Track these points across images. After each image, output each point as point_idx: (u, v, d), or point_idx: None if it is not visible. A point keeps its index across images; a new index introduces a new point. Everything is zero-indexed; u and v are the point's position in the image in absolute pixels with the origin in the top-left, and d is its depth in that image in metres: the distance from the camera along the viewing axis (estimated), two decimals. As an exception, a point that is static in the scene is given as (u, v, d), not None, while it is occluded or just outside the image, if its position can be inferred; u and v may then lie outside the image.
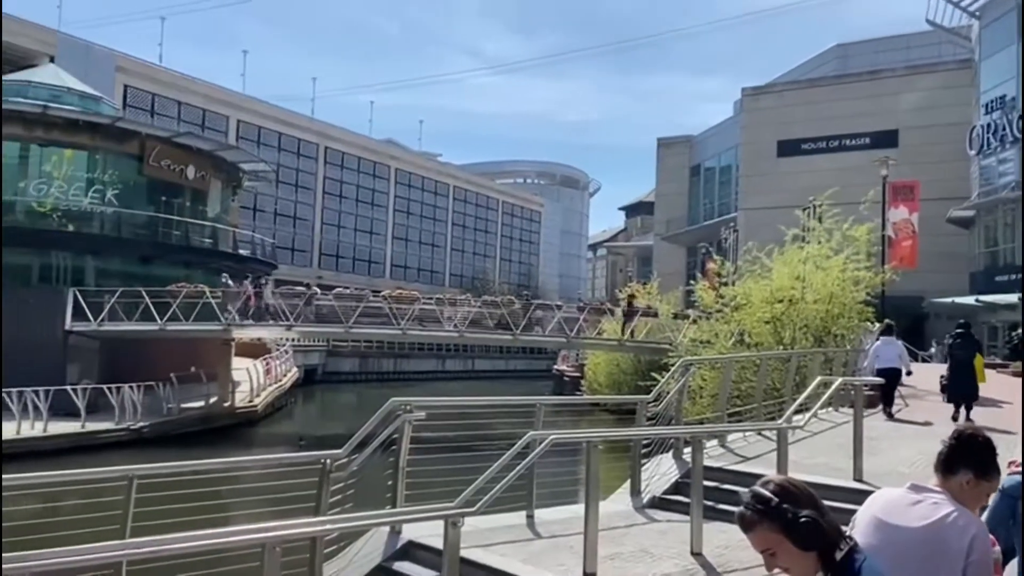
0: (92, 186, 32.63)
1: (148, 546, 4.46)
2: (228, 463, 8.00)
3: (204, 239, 36.81)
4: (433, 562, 6.33)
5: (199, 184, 36.48)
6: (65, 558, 4.08)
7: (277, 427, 31.03)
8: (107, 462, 19.30)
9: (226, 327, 26.89)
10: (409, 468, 7.45)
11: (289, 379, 38.60)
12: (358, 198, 77.75)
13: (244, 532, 4.78)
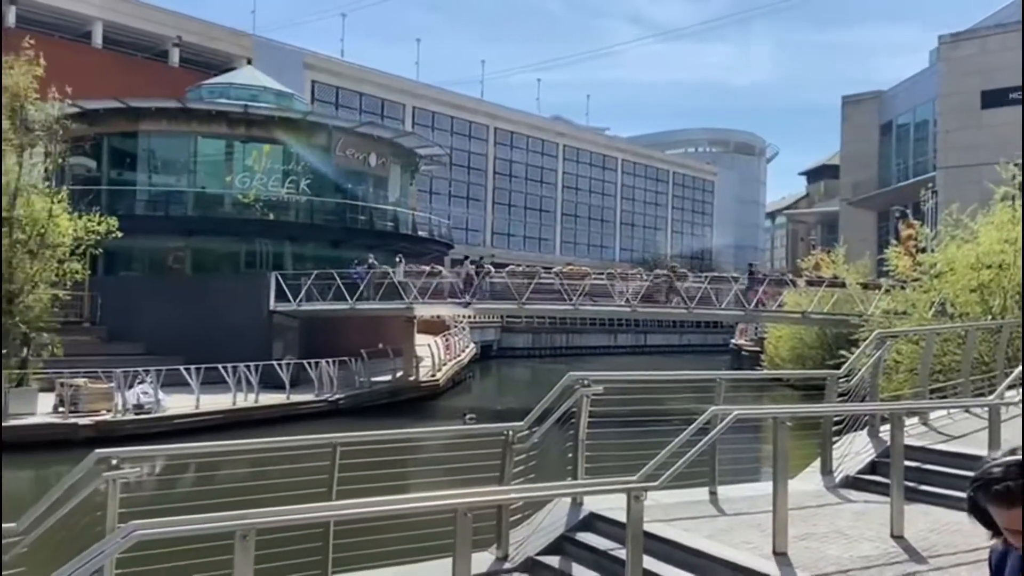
0: (288, 177, 35.32)
1: (352, 508, 4.82)
2: (418, 433, 8.44)
3: (386, 223, 38.85)
4: (615, 534, 6.37)
5: (380, 171, 38.49)
6: (283, 516, 4.50)
7: (457, 400, 32.35)
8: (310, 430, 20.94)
9: (408, 305, 28.30)
10: (588, 441, 7.52)
11: (467, 355, 40.08)
12: (527, 176, 78.85)
13: (438, 497, 5.05)
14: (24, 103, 20.11)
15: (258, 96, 37.16)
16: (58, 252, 20.73)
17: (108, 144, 34.64)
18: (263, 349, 26.85)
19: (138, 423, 19.83)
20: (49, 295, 20.71)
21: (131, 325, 28.74)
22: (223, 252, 35.18)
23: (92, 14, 49.22)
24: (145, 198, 34.71)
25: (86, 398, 19.90)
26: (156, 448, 8.59)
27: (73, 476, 5.78)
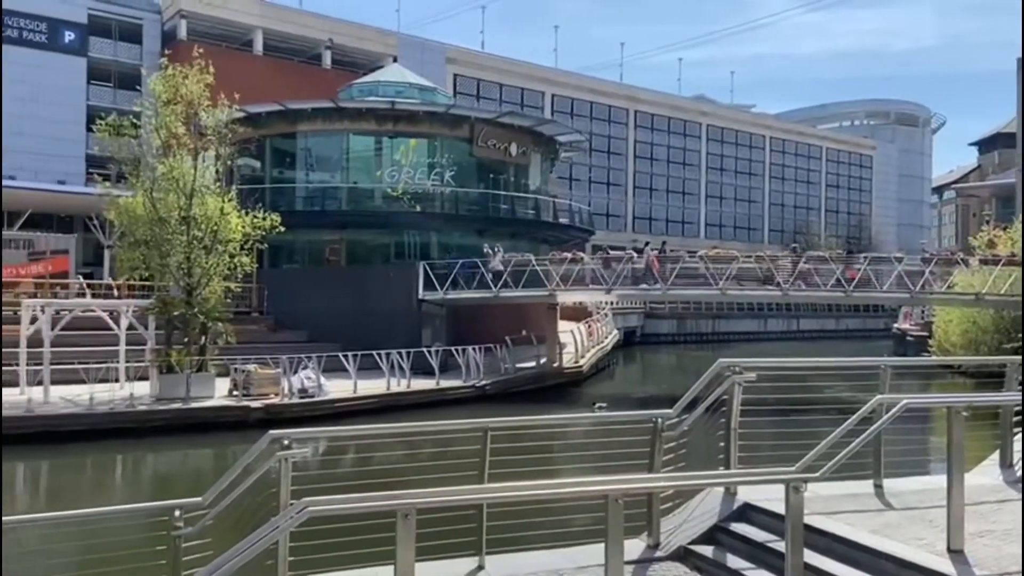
0: (433, 170, 36.43)
1: (507, 491, 4.92)
2: (566, 419, 8.48)
3: (528, 211, 39.25)
4: (772, 526, 6.16)
5: (521, 159, 38.90)
6: (441, 497, 4.66)
7: (601, 386, 32.29)
8: (459, 415, 21.53)
9: (551, 292, 28.48)
10: (740, 430, 7.30)
11: (610, 341, 39.88)
12: (669, 159, 77.21)
13: (589, 483, 5.06)
14: (198, 110, 21.85)
15: (403, 92, 38.49)
16: (229, 247, 22.37)
17: (270, 145, 37.02)
18: (413, 336, 27.91)
19: (303, 406, 21.16)
20: (222, 287, 22.41)
21: (294, 314, 30.71)
22: (374, 243, 36.79)
23: (253, 23, 52.66)
24: (303, 194, 36.84)
25: (256, 383, 21.45)
26: (323, 430, 9.14)
27: (250, 455, 6.24)
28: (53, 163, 46.58)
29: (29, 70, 46.80)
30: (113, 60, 50.42)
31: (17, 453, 17.31)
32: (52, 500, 15.37)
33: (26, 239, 31.46)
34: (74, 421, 18.80)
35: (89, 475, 17.37)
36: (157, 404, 20.45)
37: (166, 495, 13.14)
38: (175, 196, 21.68)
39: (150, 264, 22.22)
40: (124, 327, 22.47)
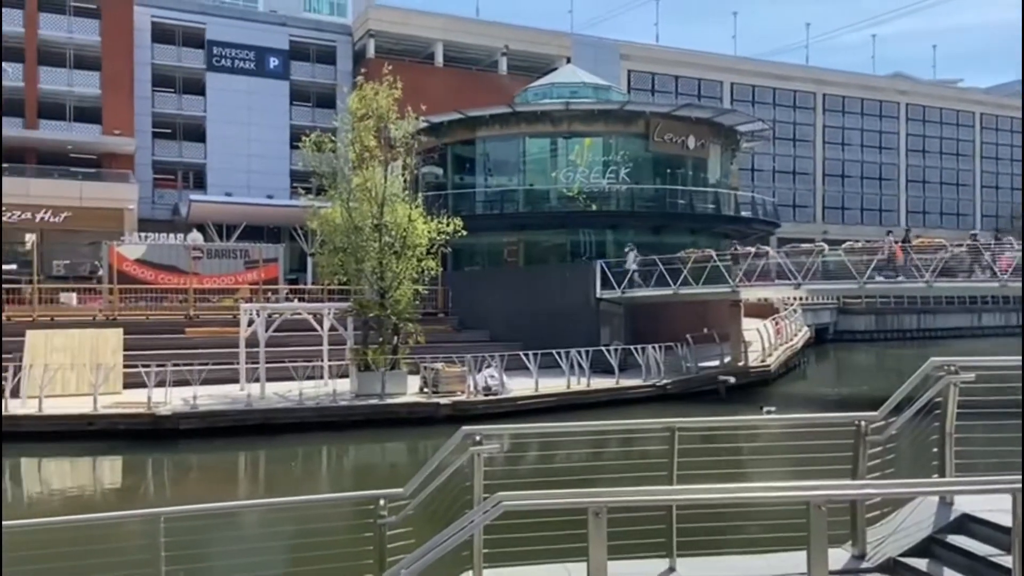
0: (608, 168, 36.32)
1: (698, 493, 4.82)
2: (759, 420, 8.16)
3: (707, 205, 38.13)
4: (996, 539, 5.60)
5: (699, 152, 37.87)
6: (632, 496, 4.64)
7: (791, 387, 30.75)
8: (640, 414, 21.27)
9: (733, 289, 27.50)
10: (956, 435, 6.69)
11: (800, 339, 37.89)
12: (863, 143, 72.07)
13: (789, 488, 4.84)
14: (387, 123, 23.20)
15: (578, 92, 38.68)
16: (417, 252, 23.56)
17: (451, 152, 38.54)
18: (592, 335, 27.98)
19: (487, 403, 21.85)
20: (411, 290, 23.64)
21: (476, 314, 31.78)
22: (551, 243, 37.26)
23: (435, 37, 55.08)
24: (482, 198, 37.99)
25: (444, 380, 22.42)
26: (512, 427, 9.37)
27: (445, 450, 6.54)
28: (263, 179, 51.19)
29: (241, 95, 51.71)
30: (311, 81, 54.58)
31: (239, 443, 19.23)
32: (270, 486, 16.89)
33: (242, 249, 34.73)
34: (286, 415, 20.57)
35: (300, 464, 18.91)
36: (356, 400, 21.91)
37: (367, 485, 14.02)
38: (368, 205, 23.12)
39: (347, 269, 23.85)
40: (326, 328, 24.27)
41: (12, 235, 39.45)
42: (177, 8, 51.57)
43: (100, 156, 48.78)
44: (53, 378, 20.49)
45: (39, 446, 18.35)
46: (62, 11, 47.74)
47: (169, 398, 20.11)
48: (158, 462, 18.24)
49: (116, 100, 48.09)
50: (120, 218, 44.75)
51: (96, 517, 6.79)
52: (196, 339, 26.24)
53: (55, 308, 27.95)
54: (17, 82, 42.61)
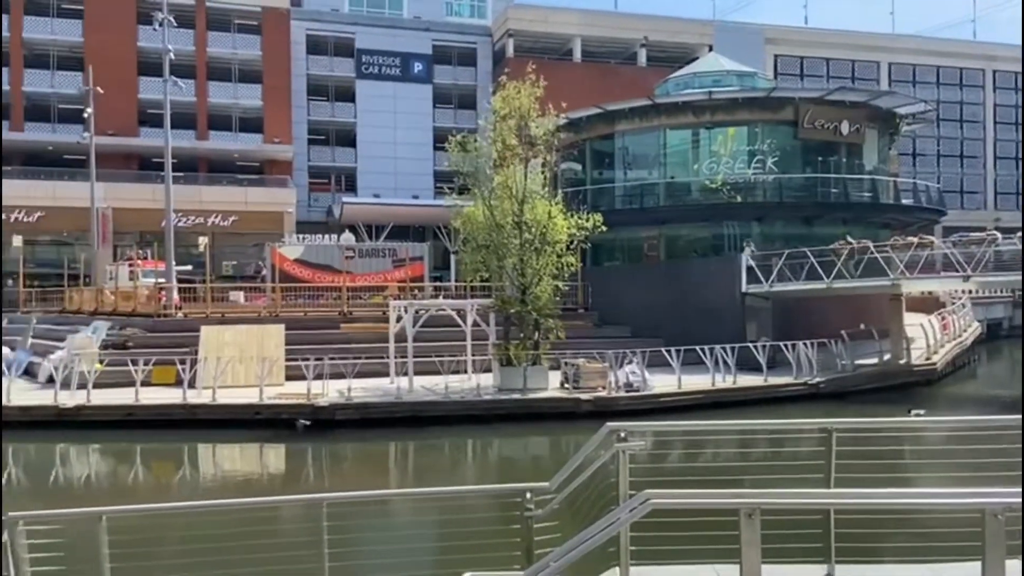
0: (753, 157, 35.02)
1: (859, 497, 4.59)
2: (923, 422, 7.66)
3: (862, 194, 36.00)
4: None
5: (854, 138, 35.80)
6: (786, 499, 4.48)
7: (959, 387, 28.54)
8: (791, 414, 20.43)
9: (893, 282, 25.82)
10: None
11: (970, 335, 35.06)
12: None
13: (962, 495, 4.51)
14: (527, 121, 23.48)
15: (720, 81, 37.54)
16: (556, 248, 23.70)
17: (590, 147, 38.43)
18: (737, 331, 27.10)
19: (629, 400, 21.67)
20: (552, 286, 23.80)
21: (616, 310, 31.55)
22: (692, 237, 36.39)
23: (572, 32, 55.16)
24: (621, 193, 37.65)
25: (585, 376, 22.44)
26: (658, 424, 9.27)
27: (590, 445, 6.56)
28: (409, 180, 53.14)
29: (387, 100, 53.89)
30: (453, 84, 56.07)
31: (389, 434, 20.09)
32: (419, 476, 17.55)
33: (390, 248, 36.22)
34: (433, 408, 21.29)
35: (446, 456, 19.52)
36: (499, 394, 22.33)
37: (511, 478, 14.29)
38: (509, 203, 23.49)
39: (489, 266, 24.34)
40: (469, 324, 24.89)
41: (187, 238, 43.08)
42: (330, 20, 54.41)
43: (262, 163, 52.32)
44: (224, 370, 22.18)
45: (213, 432, 19.95)
46: (227, 29, 51.50)
47: (326, 390, 21.30)
48: (317, 450, 19.37)
49: (276, 110, 51.42)
50: (280, 221, 47.84)
51: (264, 501, 7.31)
52: (349, 334, 27.61)
53: (225, 305, 30.24)
54: (190, 97, 46.34)
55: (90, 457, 19.19)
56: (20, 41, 47.69)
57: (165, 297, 28.83)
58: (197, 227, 45.61)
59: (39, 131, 48.21)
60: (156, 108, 41.23)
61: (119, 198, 44.25)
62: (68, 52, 48.66)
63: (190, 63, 47.50)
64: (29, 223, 44.80)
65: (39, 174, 46.38)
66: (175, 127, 34.01)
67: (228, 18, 51.38)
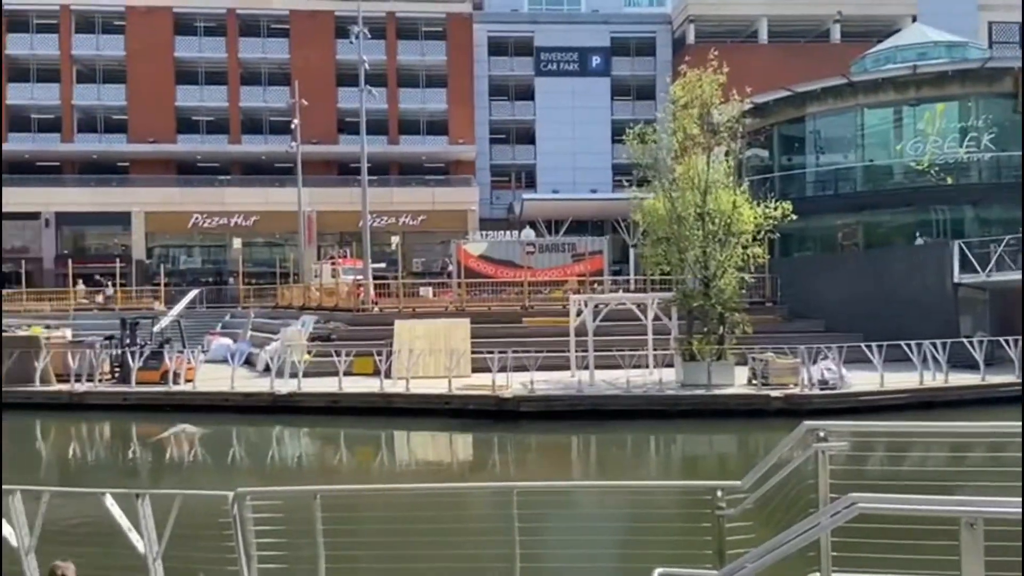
0: (966, 135, 31.85)
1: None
2: None
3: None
4: None
5: (1088, 108, 31.58)
6: (1012, 508, 4.06)
7: None
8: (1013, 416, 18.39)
9: None
10: None
11: None
12: None
13: None
14: (710, 109, 22.80)
15: (927, 53, 34.47)
16: (742, 239, 22.84)
17: (778, 133, 36.63)
18: (946, 325, 24.85)
19: (824, 398, 20.48)
20: (737, 278, 22.97)
21: (808, 303, 29.89)
22: (894, 224, 33.72)
23: (757, 13, 52.84)
24: (813, 179, 35.60)
25: (775, 372, 21.47)
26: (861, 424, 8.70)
27: (785, 444, 6.28)
28: (587, 175, 53.31)
29: (566, 96, 54.34)
30: (631, 75, 55.54)
31: (572, 426, 20.31)
32: (602, 469, 17.61)
33: (569, 243, 36.56)
34: (614, 402, 21.26)
35: (629, 450, 19.43)
36: (682, 389, 21.90)
37: (696, 475, 13.98)
38: (691, 194, 22.93)
39: (670, 259, 23.89)
40: (650, 318, 24.58)
41: (381, 237, 45.86)
42: (510, 21, 55.71)
43: (448, 164, 54.60)
44: (416, 362, 23.40)
45: (407, 420, 21.12)
46: (415, 37, 54.15)
47: (510, 382, 21.88)
48: (503, 440, 19.96)
49: (460, 112, 53.44)
50: (465, 219, 49.71)
51: (459, 486, 7.65)
52: (531, 328, 28.18)
53: (416, 300, 31.89)
54: (382, 104, 49.19)
55: (301, 440, 20.95)
56: (237, 62, 52.80)
57: (363, 293, 30.85)
58: (390, 227, 48.42)
59: (254, 143, 53.17)
60: (353, 116, 44.21)
61: (322, 201, 47.88)
62: (277, 69, 53.23)
63: (382, 72, 50.36)
64: (246, 227, 49.58)
65: (254, 182, 51.20)
66: (369, 133, 36.21)
67: (416, 26, 53.99)
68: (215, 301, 42.60)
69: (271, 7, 52.91)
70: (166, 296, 39.61)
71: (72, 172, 52.54)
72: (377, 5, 49.92)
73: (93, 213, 49.32)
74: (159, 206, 49.25)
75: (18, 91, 51.40)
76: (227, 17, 52.56)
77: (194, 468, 18.02)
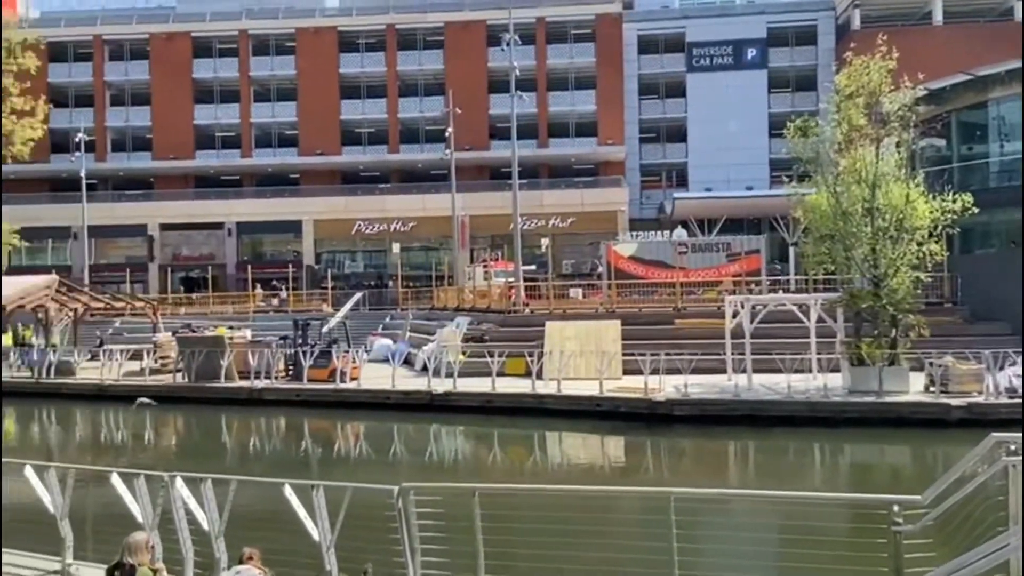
0: None
1: None
2: None
3: None
4: None
5: None
6: None
7: None
8: None
9: None
10: None
11: None
12: None
13: None
14: (878, 98, 21.36)
15: None
16: (916, 235, 21.24)
17: (956, 120, 33.80)
18: None
19: (1012, 408, 18.64)
20: (911, 278, 21.36)
21: (992, 304, 27.34)
22: None
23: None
24: (996, 169, 32.59)
25: (955, 379, 19.82)
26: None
27: (971, 458, 5.79)
28: (741, 172, 51.52)
29: (719, 91, 52.81)
30: (790, 66, 53.17)
31: (727, 432, 19.66)
32: (760, 477, 16.93)
33: (724, 242, 35.44)
34: (774, 407, 20.36)
35: (791, 458, 18.55)
36: (850, 396, 20.65)
37: (867, 487, 13.13)
38: (858, 188, 21.59)
39: (835, 258, 22.59)
40: (813, 320, 23.35)
41: (530, 240, 46.46)
42: (660, 18, 54.90)
43: (597, 165, 54.51)
44: (567, 363, 23.48)
45: (558, 421, 21.24)
46: (564, 40, 54.51)
47: (662, 385, 21.49)
48: (655, 444, 19.64)
49: (609, 113, 53.25)
50: (614, 219, 49.43)
51: (614, 489, 7.60)
52: (684, 330, 27.54)
53: (565, 302, 32.03)
54: (531, 108, 49.85)
55: (456, 437, 21.59)
56: (395, 75, 55.26)
57: (514, 295, 31.36)
58: (540, 229, 48.93)
59: (411, 151, 55.43)
60: (503, 122, 45.06)
61: (474, 206, 49.15)
62: (432, 79, 55.23)
63: (532, 77, 51.03)
64: (404, 232, 51.74)
65: (411, 189, 53.38)
66: (520, 137, 36.78)
67: (565, 30, 54.32)
68: (376, 303, 44.73)
69: (427, 21, 54.97)
70: (332, 299, 42.04)
71: (250, 184, 56.93)
72: (528, 12, 50.67)
73: (268, 222, 53.22)
74: (326, 214, 52.37)
75: (204, 112, 56.34)
76: (386, 33, 55.13)
77: (359, 462, 19.01)
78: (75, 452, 20.67)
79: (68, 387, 28.10)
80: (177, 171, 56.13)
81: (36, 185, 53.23)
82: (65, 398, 27.21)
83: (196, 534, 7.49)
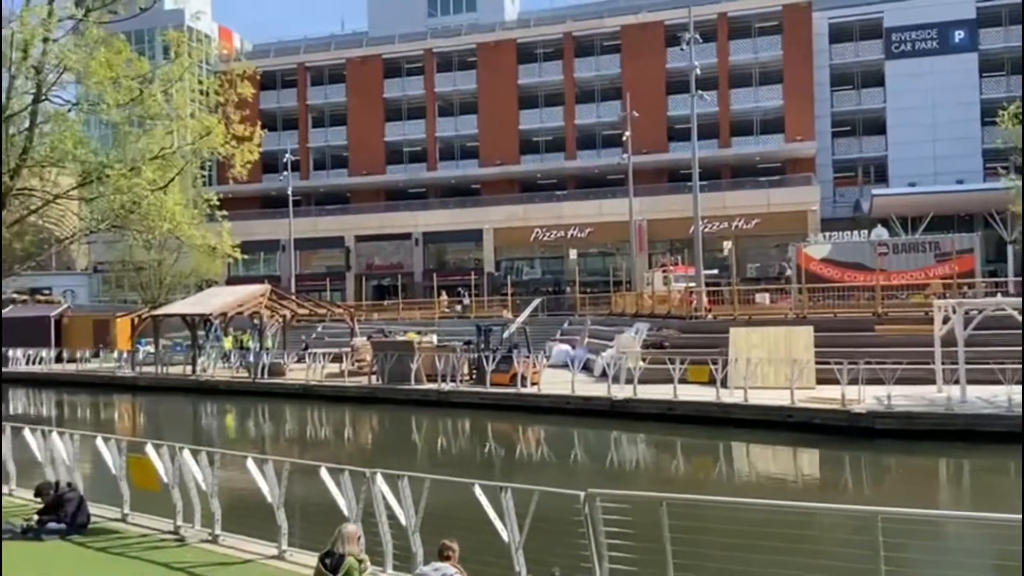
0: None
1: None
2: None
3: None
4: None
5: None
6: None
7: None
8: None
9: None
10: None
11: None
12: None
13: None
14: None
15: None
16: None
17: None
18: None
19: None
20: None
21: None
22: None
23: None
24: None
25: None
26: None
27: None
28: (950, 164, 47.20)
29: (922, 79, 48.71)
30: (1004, 47, 48.08)
31: (938, 448, 17.94)
32: (977, 499, 15.29)
33: (931, 241, 32.58)
34: (993, 422, 18.36)
35: (1013, 479, 16.63)
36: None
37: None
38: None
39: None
40: (1040, 326, 20.82)
41: (712, 243, 45.07)
42: (854, 4, 51.56)
43: (783, 163, 51.98)
44: (753, 371, 22.49)
45: (744, 432, 20.35)
46: (747, 35, 52.54)
47: (862, 396, 20.02)
48: (855, 459, 18.30)
49: (797, 108, 50.64)
50: (803, 220, 46.87)
51: (812, 506, 7.13)
52: (886, 337, 25.53)
53: (751, 307, 30.72)
54: (712, 108, 48.36)
55: (637, 444, 21.28)
56: (572, 82, 55.72)
57: (695, 300, 30.52)
58: (721, 232, 47.36)
59: (588, 157, 55.62)
60: (682, 123, 44.12)
61: (652, 210, 48.45)
62: (608, 84, 55.15)
63: (712, 75, 49.60)
64: (581, 238, 51.96)
65: (588, 195, 53.52)
66: (700, 138, 35.80)
67: (748, 24, 52.35)
68: (554, 309, 45.23)
69: (604, 26, 55.01)
70: (512, 305, 42.99)
71: (435, 196, 59.60)
72: (708, 8, 49.35)
73: (452, 231, 55.42)
74: (505, 222, 53.72)
75: (393, 129, 59.72)
76: (563, 41, 55.75)
77: (542, 465, 19.23)
78: (285, 446, 22.51)
79: (279, 387, 30.72)
80: (370, 186, 59.86)
81: (250, 202, 58.70)
82: (277, 396, 29.76)
83: (394, 528, 7.87)
